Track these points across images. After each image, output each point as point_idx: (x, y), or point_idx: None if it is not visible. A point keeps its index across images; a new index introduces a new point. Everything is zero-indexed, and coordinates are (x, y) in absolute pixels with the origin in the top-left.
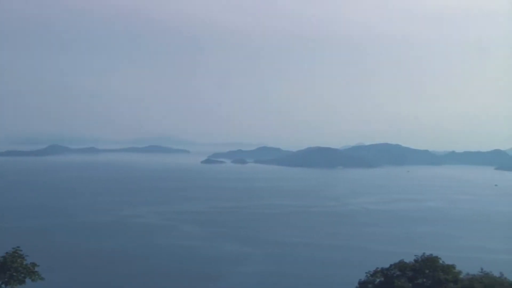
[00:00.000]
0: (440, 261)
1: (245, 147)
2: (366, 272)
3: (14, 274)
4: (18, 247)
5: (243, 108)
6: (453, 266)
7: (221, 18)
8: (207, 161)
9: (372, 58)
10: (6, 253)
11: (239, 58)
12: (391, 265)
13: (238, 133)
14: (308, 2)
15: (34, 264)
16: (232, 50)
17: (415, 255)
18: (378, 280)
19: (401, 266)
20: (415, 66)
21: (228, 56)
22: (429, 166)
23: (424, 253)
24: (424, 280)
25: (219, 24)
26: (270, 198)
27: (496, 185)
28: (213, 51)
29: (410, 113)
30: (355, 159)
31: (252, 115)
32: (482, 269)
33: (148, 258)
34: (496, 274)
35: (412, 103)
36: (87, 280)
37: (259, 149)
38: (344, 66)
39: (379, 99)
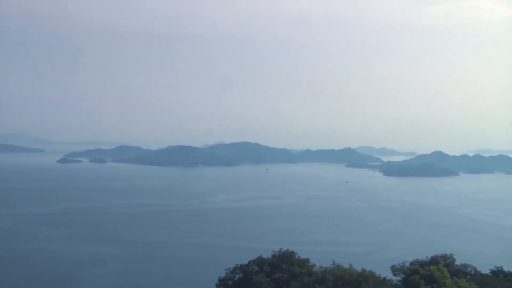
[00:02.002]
0: (296, 256)
1: (104, 146)
2: (225, 269)
3: None
4: None
5: (102, 106)
6: (307, 260)
7: (85, 14)
8: (63, 160)
9: (224, 58)
10: None
11: (97, 55)
12: (249, 262)
13: (97, 132)
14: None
15: None
16: (93, 46)
17: (272, 251)
18: (237, 276)
19: (259, 262)
20: (270, 65)
21: (87, 52)
22: (287, 164)
23: (281, 248)
24: (281, 274)
25: (86, 20)
26: (130, 198)
27: (347, 181)
28: (73, 48)
29: (269, 112)
30: (216, 158)
31: (111, 114)
32: (333, 261)
33: (3, 262)
34: (346, 265)
35: (270, 103)
36: None
37: (118, 148)
38: (196, 65)
39: (239, 99)
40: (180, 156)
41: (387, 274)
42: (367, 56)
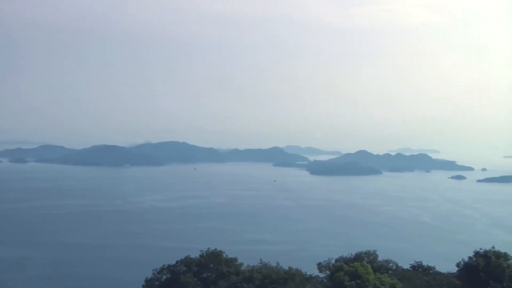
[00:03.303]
0: (224, 255)
1: (25, 145)
2: (153, 270)
3: None
4: None
5: (23, 104)
6: (235, 259)
7: (9, 8)
8: None
9: (153, 56)
10: None
11: (17, 50)
12: (177, 261)
13: (17, 131)
14: None
15: None
16: (14, 41)
17: (200, 251)
18: (164, 277)
19: (187, 261)
20: (199, 64)
21: (7, 47)
22: (215, 163)
23: (209, 248)
24: (209, 274)
25: (10, 16)
26: (53, 199)
27: (274, 180)
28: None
29: (196, 112)
30: (143, 157)
31: (33, 112)
32: (261, 260)
33: None
34: (273, 264)
35: (198, 102)
36: None
37: (41, 148)
38: (125, 63)
39: (167, 98)
40: (106, 156)
41: (314, 272)
42: (293, 56)
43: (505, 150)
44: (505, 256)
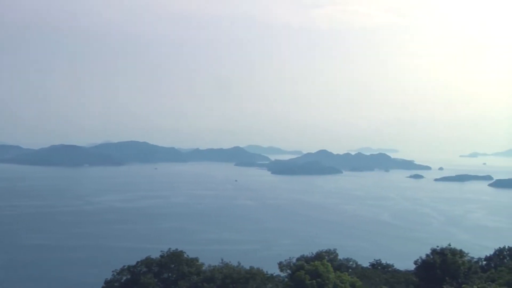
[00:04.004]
0: (185, 255)
1: None
2: (112, 271)
3: None
4: None
5: None
6: (196, 259)
7: None
8: None
9: (112, 54)
10: None
11: None
12: (137, 262)
13: None
14: None
15: None
16: None
17: (161, 251)
18: (124, 277)
19: (147, 262)
20: (159, 63)
21: None
22: (176, 163)
23: (169, 248)
24: (170, 274)
25: None
26: (9, 200)
27: (236, 180)
28: None
29: (157, 111)
30: (103, 157)
31: None
32: (222, 260)
33: None
34: (234, 263)
35: (158, 101)
36: None
37: None
38: (85, 62)
39: (127, 97)
40: (64, 156)
41: (275, 271)
42: (254, 55)
43: (461, 149)
44: (461, 253)
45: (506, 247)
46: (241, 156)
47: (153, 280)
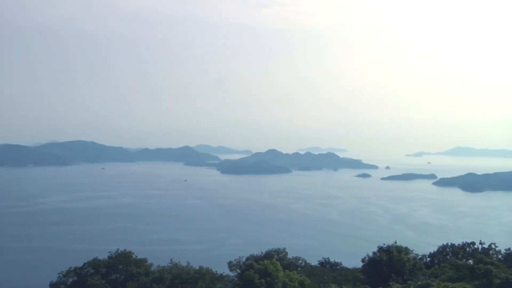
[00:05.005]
0: (133, 256)
1: None
2: (58, 273)
3: None
4: None
5: None
6: (145, 260)
7: None
8: None
9: (62, 52)
10: None
11: None
12: (84, 264)
13: None
14: None
15: None
16: None
17: (109, 252)
18: (71, 280)
19: (94, 263)
20: (107, 61)
21: None
22: (124, 163)
23: (117, 249)
24: (118, 275)
25: None
26: None
27: (185, 180)
28: None
29: (105, 110)
30: (48, 157)
31: None
32: (171, 260)
33: None
34: (183, 263)
35: (106, 100)
36: None
37: None
38: (31, 58)
39: (73, 95)
40: (7, 156)
41: (224, 270)
42: (203, 55)
43: (407, 149)
44: (406, 250)
45: (449, 244)
46: (190, 156)
47: (100, 282)
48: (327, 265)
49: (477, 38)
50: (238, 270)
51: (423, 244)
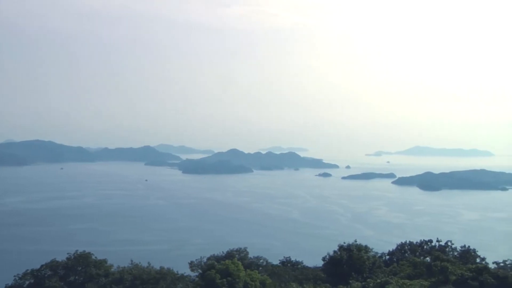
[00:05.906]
0: (93, 257)
1: None
2: (14, 276)
3: None
4: None
5: None
6: (105, 261)
7: None
8: None
9: (18, 51)
10: None
11: None
12: (42, 265)
13: None
14: None
15: None
16: None
17: (67, 253)
18: (27, 282)
19: (52, 265)
20: (64, 60)
21: None
22: (83, 163)
23: (76, 250)
24: (76, 277)
25: None
26: None
27: (146, 180)
28: None
29: (64, 109)
30: (4, 157)
31: None
32: (132, 260)
33: None
34: (144, 264)
35: (65, 98)
36: None
37: None
38: None
39: (30, 93)
40: None
41: (186, 271)
42: (165, 54)
43: (367, 148)
44: (366, 248)
45: (407, 241)
46: (151, 156)
47: (58, 284)
48: (288, 264)
49: (434, 39)
50: (200, 270)
51: (382, 243)
